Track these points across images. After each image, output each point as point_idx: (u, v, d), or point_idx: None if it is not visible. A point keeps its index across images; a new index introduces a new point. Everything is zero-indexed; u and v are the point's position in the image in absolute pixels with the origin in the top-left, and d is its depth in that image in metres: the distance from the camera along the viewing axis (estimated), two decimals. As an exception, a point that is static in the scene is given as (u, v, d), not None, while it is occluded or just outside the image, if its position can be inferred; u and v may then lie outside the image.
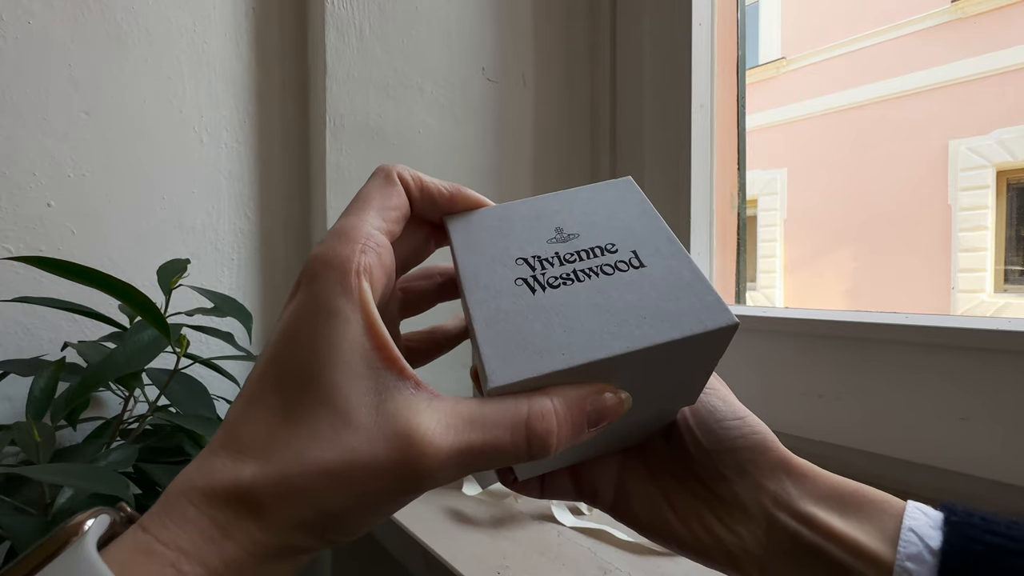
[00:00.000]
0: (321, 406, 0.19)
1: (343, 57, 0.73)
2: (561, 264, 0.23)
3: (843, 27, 4.75)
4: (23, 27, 0.62)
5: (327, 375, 0.20)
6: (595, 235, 0.24)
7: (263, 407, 0.20)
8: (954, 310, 4.16)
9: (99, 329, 0.62)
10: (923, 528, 0.24)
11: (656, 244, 0.23)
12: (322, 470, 0.19)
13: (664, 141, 0.76)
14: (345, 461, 0.19)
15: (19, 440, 0.44)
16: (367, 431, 0.19)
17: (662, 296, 0.21)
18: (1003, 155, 4.04)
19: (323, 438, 0.19)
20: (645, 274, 0.22)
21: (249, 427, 0.20)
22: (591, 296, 0.22)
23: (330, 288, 0.20)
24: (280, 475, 0.19)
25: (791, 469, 0.27)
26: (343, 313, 0.20)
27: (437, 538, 0.45)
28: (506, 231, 0.24)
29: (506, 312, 0.21)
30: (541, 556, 0.42)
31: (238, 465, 0.20)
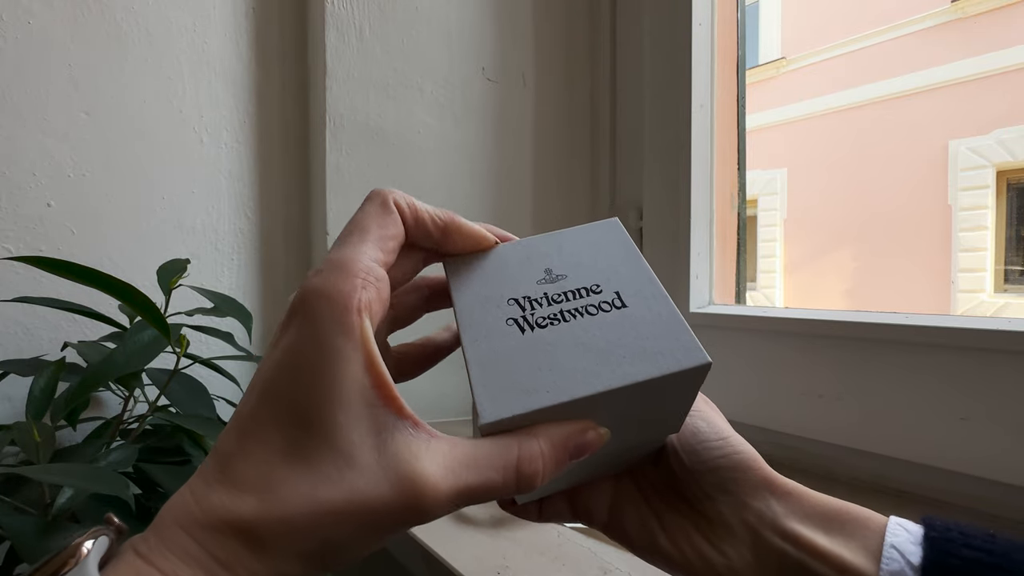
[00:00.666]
0: (324, 445, 0.20)
1: (343, 57, 0.73)
2: (549, 304, 0.24)
3: (843, 27, 4.75)
4: (23, 27, 0.62)
5: (328, 415, 0.20)
6: (581, 276, 0.25)
7: (260, 443, 0.20)
8: (954, 310, 4.16)
9: (99, 329, 0.62)
10: (904, 544, 0.24)
11: (638, 285, 0.25)
12: (328, 509, 0.19)
13: (664, 141, 0.76)
14: (350, 501, 0.19)
15: (19, 440, 0.44)
16: (371, 472, 0.20)
17: (641, 336, 0.23)
18: (1003, 155, 4.04)
19: (327, 478, 0.20)
20: (627, 314, 0.24)
21: (246, 463, 0.20)
22: (576, 335, 0.23)
23: (330, 326, 0.20)
24: (284, 513, 0.19)
25: (775, 488, 0.27)
26: (344, 352, 0.20)
27: (437, 538, 0.45)
28: (499, 272, 0.26)
29: (496, 352, 0.23)
30: (541, 556, 0.42)
31: (236, 500, 0.20)
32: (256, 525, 0.19)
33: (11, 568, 0.44)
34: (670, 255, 0.75)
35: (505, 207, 0.84)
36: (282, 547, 0.20)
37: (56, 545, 0.33)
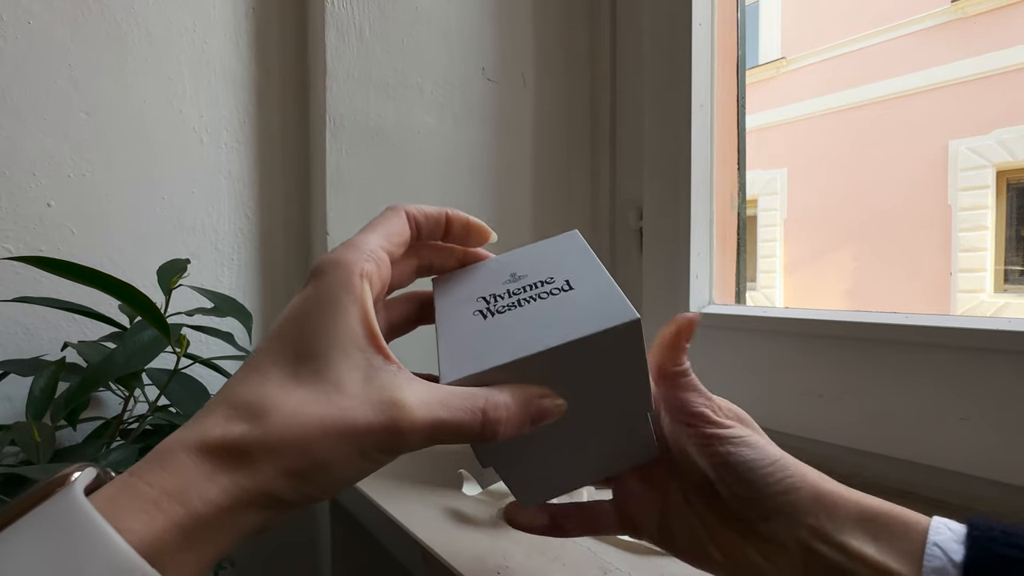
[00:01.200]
0: (318, 376, 0.23)
1: (343, 57, 0.73)
2: (509, 296, 0.28)
3: (843, 27, 4.75)
4: (23, 27, 0.62)
5: (325, 352, 0.23)
6: (539, 273, 0.29)
7: (262, 375, 0.24)
8: (954, 310, 4.16)
9: (99, 329, 0.62)
10: (947, 543, 0.25)
11: (586, 272, 0.28)
12: (316, 425, 0.22)
13: (664, 141, 0.76)
14: (338, 418, 0.22)
15: (19, 440, 0.44)
16: (358, 397, 0.23)
17: (581, 307, 0.26)
18: (1003, 155, 4.04)
19: (317, 401, 0.23)
20: (572, 294, 0.27)
21: (246, 390, 0.23)
22: (528, 315, 0.27)
23: (336, 284, 0.25)
24: (275, 429, 0.22)
25: (824, 501, 0.28)
26: (344, 305, 0.24)
27: (437, 538, 0.45)
28: (473, 281, 0.30)
29: (461, 334, 0.27)
30: (541, 556, 0.42)
31: (231, 422, 0.22)
32: (247, 442, 0.22)
33: (11, 568, 0.44)
34: (670, 255, 0.75)
35: (505, 207, 0.84)
36: (270, 463, 0.22)
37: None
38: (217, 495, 0.21)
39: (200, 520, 0.21)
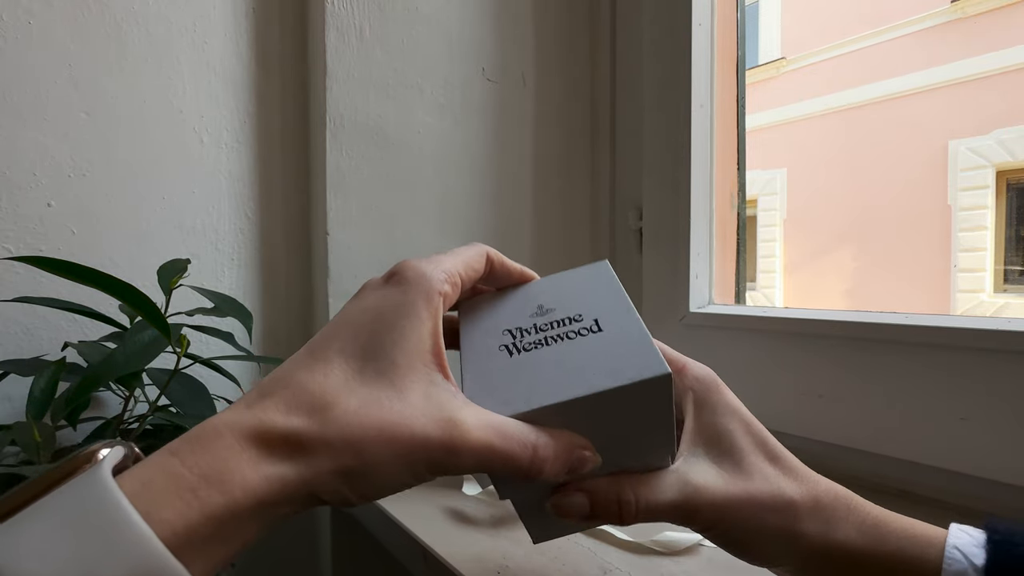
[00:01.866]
0: (383, 378, 0.23)
1: (343, 57, 0.73)
2: (536, 332, 0.28)
3: (843, 27, 4.75)
4: (23, 27, 0.62)
5: (394, 355, 0.24)
6: (567, 308, 0.29)
7: (327, 365, 0.23)
8: (954, 310, 4.16)
9: (99, 329, 0.62)
10: (967, 547, 0.25)
11: (616, 313, 0.28)
12: (377, 427, 0.22)
13: (664, 141, 0.76)
14: (396, 424, 0.23)
15: (19, 440, 0.44)
16: (419, 408, 0.23)
17: (611, 355, 0.26)
18: (1003, 155, 4.04)
19: (379, 403, 0.23)
20: (602, 337, 0.27)
21: (311, 379, 0.23)
22: (555, 356, 0.27)
23: (418, 293, 0.25)
24: (337, 425, 0.22)
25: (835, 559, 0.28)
26: (422, 316, 0.25)
27: (437, 538, 0.45)
28: (499, 310, 0.30)
29: (487, 371, 0.27)
30: (541, 556, 0.42)
31: (292, 412, 0.22)
32: (306, 435, 0.22)
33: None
34: (670, 255, 0.75)
35: (505, 207, 0.84)
36: (324, 459, 0.22)
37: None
38: (259, 485, 0.21)
39: (237, 511, 0.20)
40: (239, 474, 0.21)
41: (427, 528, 0.47)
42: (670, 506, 0.28)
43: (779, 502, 0.28)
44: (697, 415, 0.31)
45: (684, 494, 0.28)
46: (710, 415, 0.31)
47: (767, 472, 0.29)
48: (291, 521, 0.79)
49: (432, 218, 0.79)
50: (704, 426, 0.31)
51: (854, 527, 0.27)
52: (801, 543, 0.27)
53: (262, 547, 0.78)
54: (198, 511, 0.20)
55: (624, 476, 0.28)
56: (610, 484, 0.28)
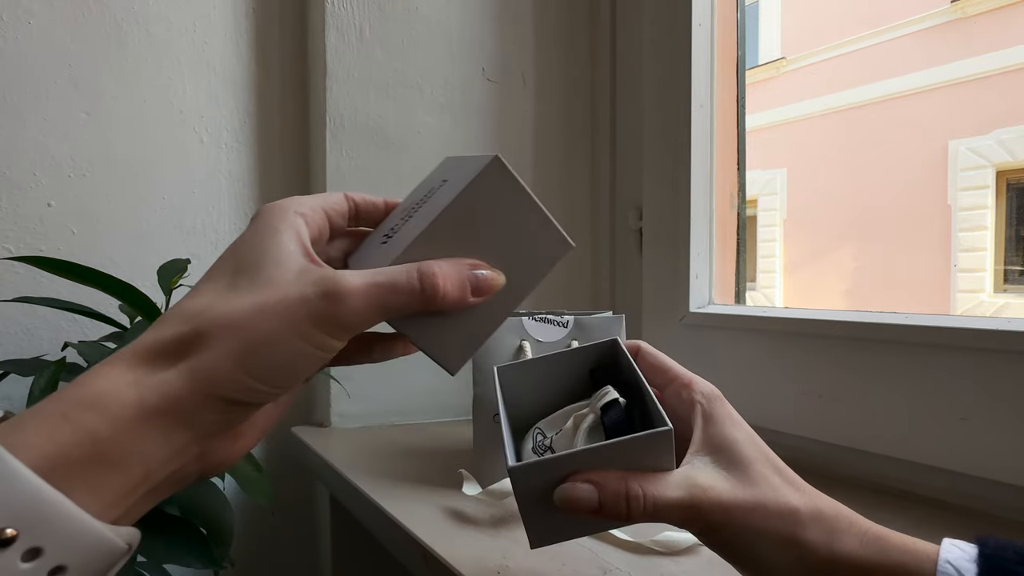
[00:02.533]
0: (253, 282, 0.25)
1: (343, 57, 0.73)
2: (403, 221, 0.30)
3: (843, 27, 4.75)
4: (23, 27, 0.62)
5: (262, 265, 0.25)
6: (422, 192, 0.32)
7: (198, 292, 0.25)
8: (954, 310, 4.16)
9: (99, 329, 0.62)
10: (959, 561, 0.25)
11: (459, 164, 0.31)
12: (251, 304, 0.23)
13: (664, 141, 0.76)
14: (271, 296, 0.24)
15: (19, 440, 0.44)
16: (291, 282, 0.24)
17: (454, 183, 0.29)
18: (1003, 155, 4.04)
19: (254, 294, 0.24)
20: (446, 184, 0.30)
21: (182, 304, 0.25)
22: (416, 218, 0.29)
23: (272, 216, 0.27)
24: (210, 318, 0.23)
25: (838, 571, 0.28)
26: (279, 230, 0.26)
27: (437, 538, 0.45)
28: (381, 228, 0.32)
29: (367, 256, 0.30)
30: (541, 556, 0.42)
31: (165, 327, 0.23)
32: (181, 336, 0.23)
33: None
34: (670, 255, 0.75)
35: (505, 207, 0.84)
36: (205, 350, 0.23)
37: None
38: (138, 394, 0.21)
39: (119, 427, 0.20)
40: (113, 391, 0.21)
41: (427, 528, 0.47)
42: (677, 504, 0.28)
43: (784, 509, 0.28)
44: (704, 426, 0.32)
45: (691, 493, 0.28)
46: (717, 426, 0.32)
47: (773, 481, 0.29)
48: (283, 518, 0.79)
49: (432, 218, 0.79)
50: (711, 436, 0.31)
51: (856, 539, 0.28)
52: (805, 553, 0.28)
53: (262, 547, 0.78)
54: (68, 432, 0.20)
55: (632, 473, 0.29)
56: (618, 478, 0.29)
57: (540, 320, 0.54)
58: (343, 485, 0.60)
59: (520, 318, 0.53)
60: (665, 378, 0.35)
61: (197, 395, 0.22)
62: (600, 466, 0.29)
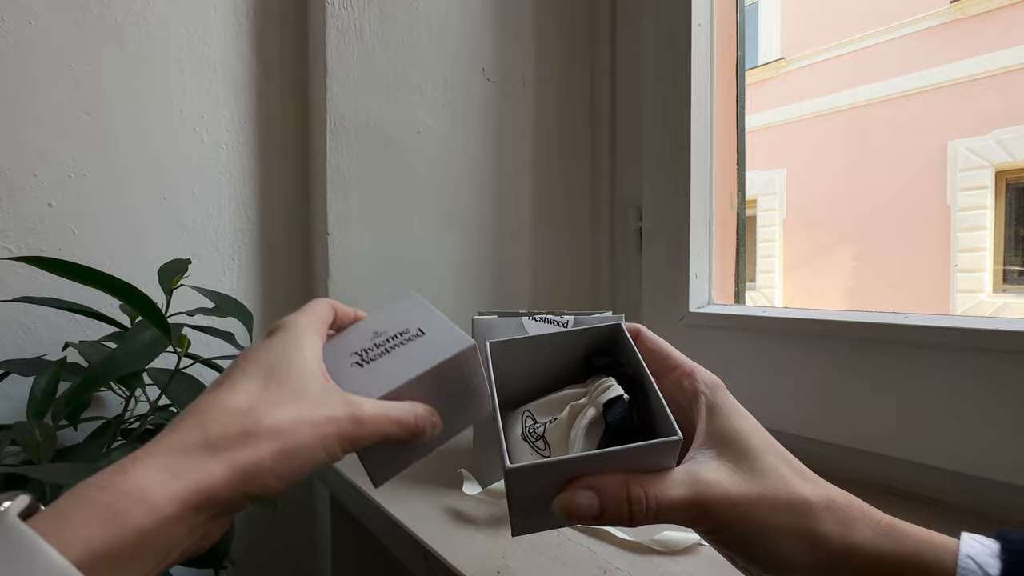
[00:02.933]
0: (287, 388, 0.29)
1: (343, 58, 0.73)
2: (376, 349, 0.36)
3: (843, 27, 4.75)
4: (24, 27, 0.62)
5: (291, 372, 0.30)
6: (395, 328, 0.38)
7: (244, 383, 0.29)
8: (954, 310, 4.16)
9: (100, 329, 0.62)
10: (981, 555, 0.25)
11: (432, 321, 0.37)
12: (295, 415, 0.28)
13: (664, 141, 0.76)
14: (311, 410, 0.29)
15: (20, 440, 0.44)
16: (323, 399, 0.30)
17: (435, 343, 0.36)
18: (1002, 155, 4.04)
19: (293, 401, 0.29)
20: (426, 338, 0.36)
21: (231, 397, 0.28)
22: (396, 356, 0.36)
23: (296, 331, 0.33)
24: (258, 419, 0.27)
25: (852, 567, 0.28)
26: (302, 345, 0.32)
27: (437, 538, 0.45)
28: (344, 343, 0.37)
29: (349, 379, 0.34)
30: (541, 556, 0.43)
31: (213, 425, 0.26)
32: (228, 435, 0.26)
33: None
34: (670, 255, 0.75)
35: (505, 207, 0.84)
36: (250, 449, 0.26)
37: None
38: (185, 487, 0.24)
39: (160, 520, 0.22)
40: (156, 483, 0.23)
41: (427, 528, 0.47)
42: (682, 502, 0.27)
43: (795, 500, 0.27)
44: (709, 417, 0.31)
45: (695, 490, 0.28)
46: (722, 417, 0.31)
47: (782, 472, 0.29)
48: (283, 518, 0.79)
49: (432, 218, 0.79)
50: (716, 428, 0.30)
51: (870, 529, 0.27)
52: (819, 544, 0.27)
53: (263, 547, 0.78)
54: (116, 526, 0.21)
55: (632, 475, 0.28)
56: (619, 482, 0.28)
57: (540, 320, 0.54)
58: (343, 485, 0.60)
59: (520, 318, 0.54)
60: (665, 366, 0.34)
61: (234, 489, 0.25)
62: (601, 469, 0.28)
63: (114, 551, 0.21)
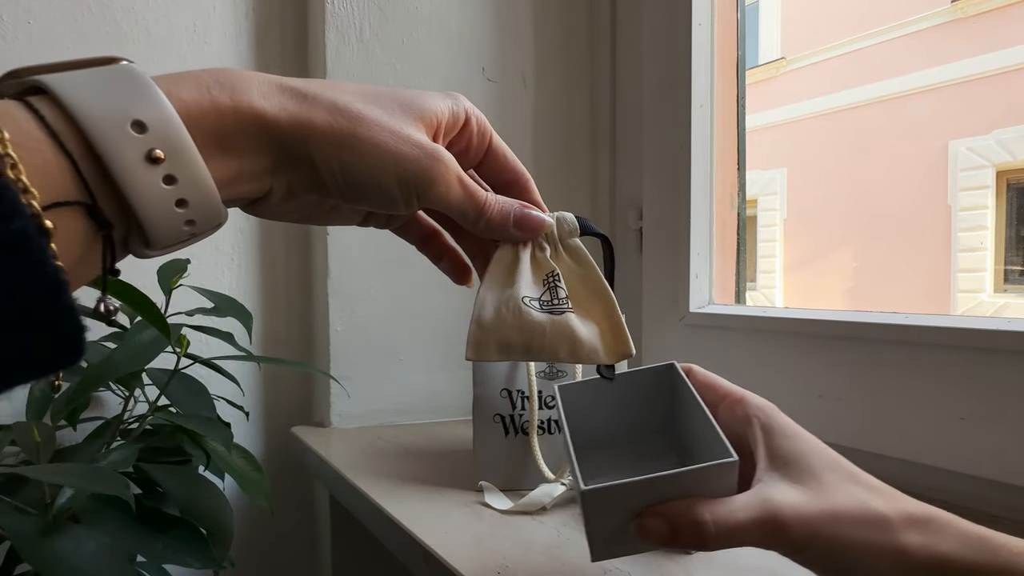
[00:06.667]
0: (389, 106, 0.28)
1: (343, 57, 0.73)
2: None
3: (843, 27, 4.75)
4: (23, 27, 0.62)
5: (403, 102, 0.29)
6: None
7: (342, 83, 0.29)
8: (954, 310, 4.16)
9: (99, 329, 0.62)
10: None
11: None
12: (378, 117, 0.27)
13: (664, 141, 0.76)
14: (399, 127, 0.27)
15: (19, 440, 0.44)
16: (415, 136, 0.28)
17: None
18: (1003, 155, 4.04)
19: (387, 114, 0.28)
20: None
21: (328, 82, 0.28)
22: None
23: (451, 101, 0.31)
24: (342, 102, 0.27)
25: None
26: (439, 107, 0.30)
27: (437, 538, 0.45)
28: None
29: None
30: (541, 556, 0.42)
31: (310, 83, 0.28)
32: (317, 92, 0.27)
33: (11, 568, 0.44)
34: (670, 255, 0.75)
35: (505, 207, 0.84)
36: (323, 113, 0.26)
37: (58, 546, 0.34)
38: (262, 104, 0.25)
39: (238, 116, 0.24)
40: (247, 90, 0.25)
41: (427, 528, 0.47)
42: (752, 524, 0.27)
43: (872, 516, 0.27)
44: (767, 440, 0.31)
45: (766, 510, 0.27)
46: (780, 439, 0.31)
47: (850, 490, 0.29)
48: (283, 518, 0.79)
49: (432, 218, 0.79)
50: (775, 449, 0.31)
51: (957, 540, 0.27)
52: (904, 558, 0.26)
53: (262, 547, 0.78)
54: (209, 102, 0.23)
55: (700, 499, 0.29)
56: (687, 507, 0.28)
57: None
58: (343, 485, 0.60)
59: None
60: (716, 395, 0.35)
61: (297, 136, 0.26)
62: (664, 490, 0.30)
63: (203, 119, 0.23)
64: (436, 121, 0.29)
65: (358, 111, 0.27)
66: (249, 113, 0.24)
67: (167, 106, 0.22)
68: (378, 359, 0.76)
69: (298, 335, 0.80)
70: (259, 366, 0.76)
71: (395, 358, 0.76)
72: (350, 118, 0.26)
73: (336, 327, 0.74)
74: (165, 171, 0.22)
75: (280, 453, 0.79)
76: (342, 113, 0.26)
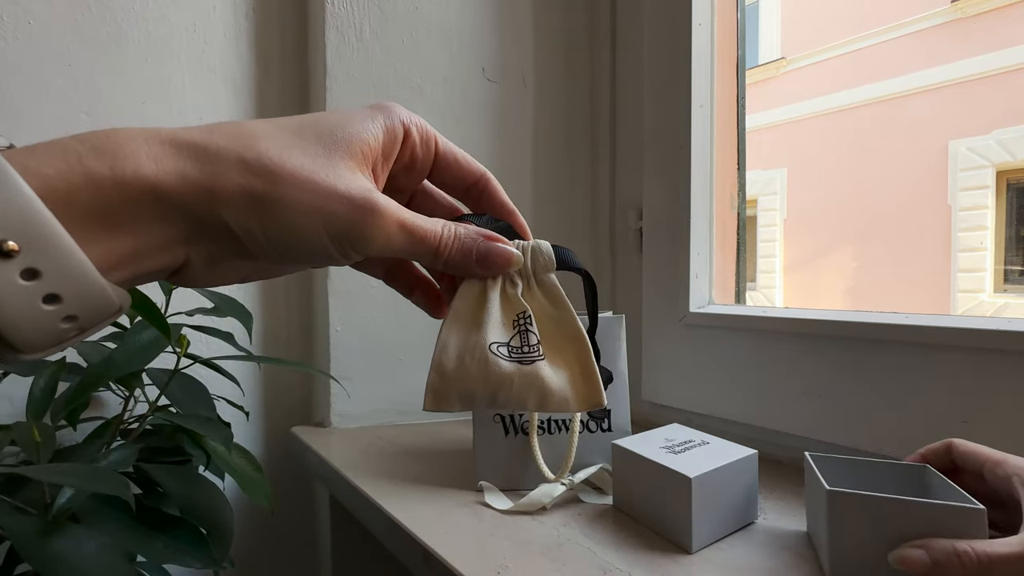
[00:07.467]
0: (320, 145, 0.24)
1: (343, 57, 0.73)
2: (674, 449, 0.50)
3: (843, 27, 4.75)
4: (23, 27, 0.62)
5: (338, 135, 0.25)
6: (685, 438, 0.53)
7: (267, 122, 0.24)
8: (954, 310, 4.16)
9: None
10: None
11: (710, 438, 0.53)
12: (301, 169, 0.23)
13: (664, 141, 0.76)
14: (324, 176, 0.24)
15: (19, 440, 0.44)
16: (347, 178, 0.24)
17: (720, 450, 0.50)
18: (1003, 155, 4.04)
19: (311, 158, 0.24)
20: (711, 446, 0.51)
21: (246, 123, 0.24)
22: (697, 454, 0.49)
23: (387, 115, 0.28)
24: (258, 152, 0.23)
25: None
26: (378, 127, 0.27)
27: (437, 538, 0.45)
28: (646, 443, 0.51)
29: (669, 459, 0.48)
30: (541, 556, 0.42)
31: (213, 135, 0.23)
32: (219, 146, 0.22)
33: (11, 568, 0.44)
34: (670, 255, 0.75)
35: (505, 207, 0.84)
36: (232, 170, 0.22)
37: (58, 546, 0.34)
38: (152, 170, 0.21)
39: (126, 188, 0.20)
40: (132, 156, 0.21)
41: (427, 528, 0.47)
42: (1014, 556, 0.31)
43: None
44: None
45: None
46: None
47: None
48: (283, 518, 0.79)
49: (432, 218, 0.79)
50: None
51: None
52: None
53: (262, 547, 0.78)
54: (80, 175, 0.19)
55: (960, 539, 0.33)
56: (945, 540, 0.33)
57: None
58: (343, 485, 0.60)
59: None
60: (978, 462, 0.39)
61: (203, 199, 0.22)
62: (916, 521, 0.35)
63: (75, 200, 0.19)
64: (368, 149, 0.26)
65: (271, 165, 0.23)
66: (135, 183, 0.20)
67: (19, 186, 0.18)
68: (378, 359, 0.76)
69: (298, 335, 0.80)
70: (259, 366, 0.76)
71: (395, 358, 0.76)
72: (264, 176, 0.23)
73: (336, 327, 0.74)
74: (22, 264, 0.19)
75: (280, 453, 0.79)
76: (253, 171, 0.22)
